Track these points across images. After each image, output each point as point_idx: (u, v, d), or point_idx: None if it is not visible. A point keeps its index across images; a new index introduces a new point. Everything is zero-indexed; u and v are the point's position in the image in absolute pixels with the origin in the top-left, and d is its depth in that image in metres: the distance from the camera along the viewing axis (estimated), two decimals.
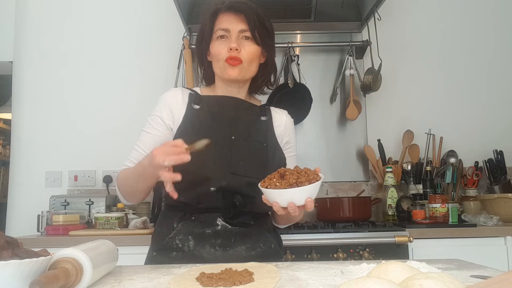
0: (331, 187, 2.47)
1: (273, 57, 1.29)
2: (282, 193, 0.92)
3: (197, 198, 1.13)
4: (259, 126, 1.24)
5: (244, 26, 1.18)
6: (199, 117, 1.19)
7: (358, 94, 2.47)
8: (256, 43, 1.19)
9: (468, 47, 2.59)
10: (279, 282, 0.75)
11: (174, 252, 1.12)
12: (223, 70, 1.19)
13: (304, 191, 0.92)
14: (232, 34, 1.18)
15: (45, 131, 2.52)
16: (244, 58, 1.18)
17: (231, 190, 1.13)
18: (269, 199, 0.96)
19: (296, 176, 0.93)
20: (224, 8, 1.20)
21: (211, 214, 1.14)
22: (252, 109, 1.27)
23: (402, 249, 1.79)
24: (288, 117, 1.32)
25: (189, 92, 1.25)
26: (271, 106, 1.33)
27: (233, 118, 1.21)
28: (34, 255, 0.63)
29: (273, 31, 1.26)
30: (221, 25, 1.19)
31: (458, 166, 2.37)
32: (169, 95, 1.24)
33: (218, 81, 1.26)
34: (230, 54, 1.16)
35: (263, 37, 1.21)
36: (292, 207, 0.93)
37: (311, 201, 0.93)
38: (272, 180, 0.95)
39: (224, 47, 1.17)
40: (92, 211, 2.20)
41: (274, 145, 1.24)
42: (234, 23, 1.18)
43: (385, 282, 0.53)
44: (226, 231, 1.13)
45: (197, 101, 1.23)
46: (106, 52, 2.58)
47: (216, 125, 1.19)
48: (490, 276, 0.75)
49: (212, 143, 1.14)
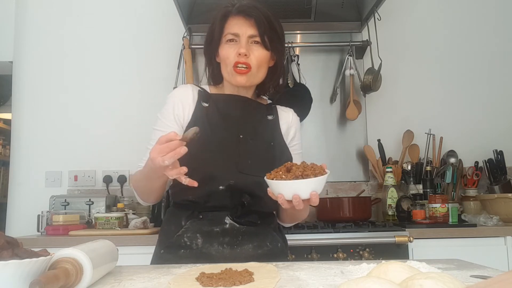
0: (331, 187, 2.47)
1: (282, 60, 1.28)
2: (287, 185, 0.92)
3: (205, 196, 1.13)
4: (266, 125, 1.25)
5: (254, 31, 1.17)
6: (207, 115, 1.19)
7: (358, 94, 2.47)
8: (265, 48, 1.19)
9: (468, 47, 2.59)
10: (279, 282, 0.75)
11: (182, 250, 1.13)
12: (231, 76, 1.19)
13: (309, 184, 0.91)
14: (242, 39, 1.17)
15: (45, 131, 2.51)
16: (252, 63, 1.17)
17: (239, 189, 1.13)
18: (274, 191, 0.96)
19: (302, 169, 0.93)
20: (234, 11, 1.19)
21: (219, 212, 1.14)
22: (259, 108, 1.27)
23: (402, 249, 1.79)
24: (294, 115, 1.33)
25: (198, 89, 1.25)
26: (277, 105, 1.33)
27: (241, 117, 1.22)
28: (34, 255, 0.63)
29: (283, 35, 1.25)
30: (231, 29, 1.19)
31: (458, 166, 2.37)
32: (181, 91, 1.24)
33: (226, 82, 1.26)
34: (238, 59, 1.16)
35: (272, 41, 1.20)
36: (297, 199, 0.92)
37: (315, 194, 0.93)
38: (278, 173, 0.95)
39: (233, 52, 1.17)
40: (92, 211, 2.20)
41: (281, 144, 1.25)
42: (244, 27, 1.18)
43: (385, 282, 0.53)
44: (234, 229, 1.13)
45: (206, 99, 1.23)
46: (106, 52, 2.58)
47: (224, 124, 1.19)
48: (490, 276, 0.75)
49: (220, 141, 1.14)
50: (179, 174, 0.94)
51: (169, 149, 0.93)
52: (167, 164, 0.92)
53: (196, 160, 0.96)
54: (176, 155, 0.92)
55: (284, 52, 1.29)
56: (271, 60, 1.24)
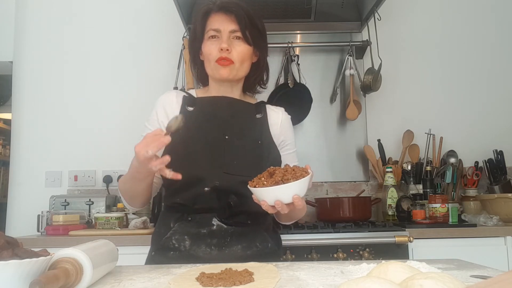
0: (331, 187, 2.47)
1: (265, 56, 1.30)
2: (268, 191, 0.92)
3: (192, 198, 1.14)
4: (254, 124, 1.25)
5: (235, 27, 1.20)
6: (192, 119, 1.19)
7: (358, 94, 2.47)
8: (247, 42, 1.21)
9: (468, 47, 2.59)
10: (279, 282, 0.75)
11: (171, 251, 1.13)
12: (214, 71, 1.21)
13: (290, 188, 0.92)
14: (223, 34, 1.20)
15: (45, 131, 2.52)
16: (234, 58, 1.19)
17: (225, 190, 1.13)
18: (257, 197, 0.96)
19: (282, 174, 0.93)
20: (215, 8, 1.22)
21: (207, 214, 1.14)
22: (246, 108, 1.27)
23: (402, 249, 1.79)
24: (284, 114, 1.33)
25: (183, 94, 1.27)
26: (267, 104, 1.33)
27: (227, 118, 1.22)
28: (34, 255, 0.63)
29: (264, 31, 1.27)
30: (212, 26, 1.21)
31: (458, 166, 2.37)
32: (164, 97, 1.26)
33: (211, 82, 1.28)
34: (221, 54, 1.18)
35: (254, 37, 1.22)
36: (279, 205, 0.93)
37: (298, 198, 0.93)
38: (260, 179, 0.96)
39: (215, 48, 1.19)
40: (92, 211, 2.20)
41: (269, 143, 1.24)
42: (225, 23, 1.20)
43: (385, 282, 0.53)
44: (221, 231, 1.13)
45: (191, 103, 1.24)
46: (106, 52, 2.58)
47: (209, 126, 1.20)
48: (490, 276, 0.75)
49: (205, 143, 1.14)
50: (162, 164, 0.95)
51: (153, 141, 0.94)
52: (150, 154, 0.93)
53: (181, 163, 0.97)
54: (160, 144, 0.93)
55: (267, 48, 1.30)
56: (254, 56, 1.26)
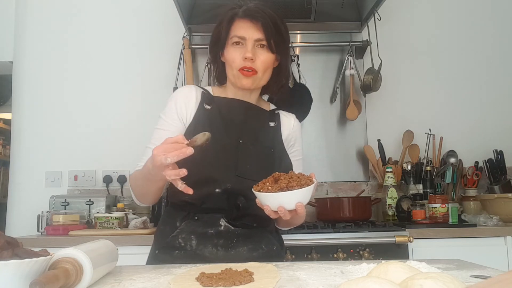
0: (331, 187, 2.47)
1: (287, 61, 1.28)
2: (272, 197, 0.93)
3: (201, 198, 1.13)
4: (267, 131, 1.25)
5: (261, 35, 1.17)
6: (209, 118, 1.19)
7: (358, 94, 2.47)
8: (271, 51, 1.18)
9: (468, 47, 2.59)
10: (279, 282, 0.75)
11: (177, 250, 1.13)
12: (236, 79, 1.19)
13: (294, 196, 0.92)
14: (248, 42, 1.17)
15: (45, 131, 2.51)
16: (258, 67, 1.17)
17: (235, 192, 1.13)
18: (261, 202, 0.97)
19: (287, 180, 0.93)
20: (241, 14, 1.19)
21: (215, 214, 1.14)
22: (261, 114, 1.27)
23: (402, 249, 1.79)
24: (296, 122, 1.32)
25: (202, 91, 1.25)
26: (280, 110, 1.32)
27: (242, 122, 1.22)
28: (34, 255, 0.63)
29: (288, 36, 1.24)
30: (237, 32, 1.18)
31: (458, 166, 2.37)
32: (184, 91, 1.24)
33: (230, 84, 1.25)
34: (245, 63, 1.16)
35: (278, 44, 1.19)
36: (282, 211, 0.93)
37: (301, 205, 0.93)
38: (265, 184, 0.96)
39: (239, 55, 1.17)
40: (92, 211, 2.20)
41: (281, 151, 1.24)
42: (250, 31, 1.17)
43: (385, 282, 0.53)
44: (228, 231, 1.13)
45: (209, 101, 1.22)
46: (106, 52, 2.58)
47: (225, 128, 1.19)
48: (490, 276, 0.75)
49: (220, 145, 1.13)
50: (177, 176, 0.92)
51: (174, 149, 0.91)
52: (169, 162, 0.90)
53: (194, 162, 0.95)
54: (182, 154, 0.90)
55: (289, 52, 1.29)
56: (275, 61, 1.24)
